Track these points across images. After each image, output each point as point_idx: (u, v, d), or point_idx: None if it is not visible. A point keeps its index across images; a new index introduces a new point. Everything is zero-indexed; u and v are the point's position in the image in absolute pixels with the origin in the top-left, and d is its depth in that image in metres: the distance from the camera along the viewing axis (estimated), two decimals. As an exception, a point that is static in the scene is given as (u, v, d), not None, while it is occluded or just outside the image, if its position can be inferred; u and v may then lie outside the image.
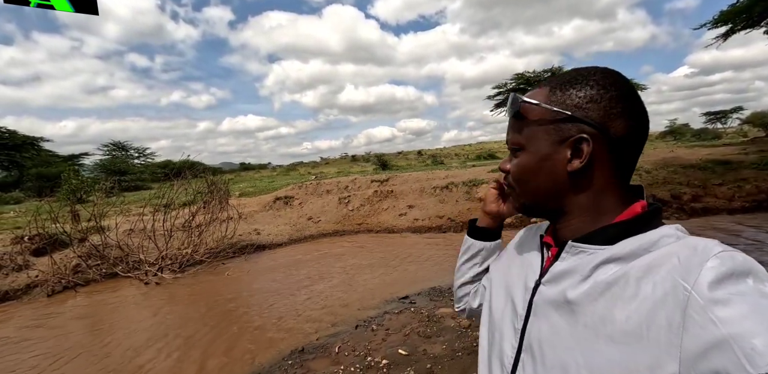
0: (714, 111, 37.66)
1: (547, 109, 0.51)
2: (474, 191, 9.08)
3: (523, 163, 0.54)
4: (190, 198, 7.51)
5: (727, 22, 12.74)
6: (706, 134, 33.18)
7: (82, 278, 6.36)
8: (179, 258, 6.85)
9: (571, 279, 0.50)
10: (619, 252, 0.46)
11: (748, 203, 7.15)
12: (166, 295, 5.38)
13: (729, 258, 0.38)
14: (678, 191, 7.75)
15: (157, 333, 3.93)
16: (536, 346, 0.51)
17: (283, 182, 16.91)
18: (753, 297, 0.36)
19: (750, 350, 0.33)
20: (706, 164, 9.00)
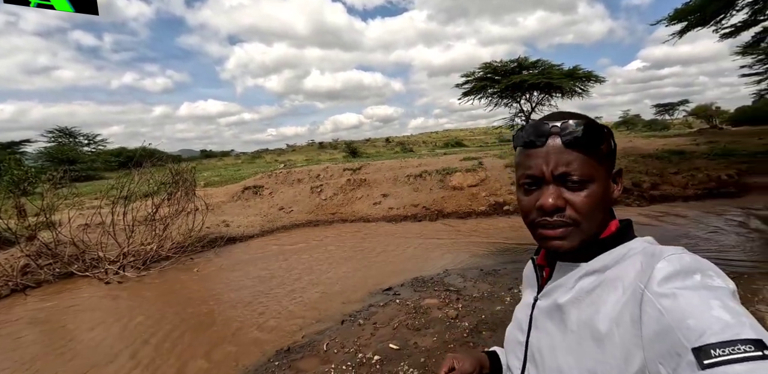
0: (663, 103, 40.18)
1: (610, 144, 0.57)
2: (448, 179, 9.15)
3: (596, 194, 0.53)
4: (152, 189, 7.00)
5: (681, 19, 13.38)
6: (656, 125, 35.43)
7: (32, 279, 5.82)
8: (143, 255, 6.43)
9: (559, 291, 0.57)
10: (595, 266, 0.54)
11: (700, 191, 7.69)
12: (130, 296, 5.02)
13: (676, 260, 0.46)
14: (638, 179, 8.19)
15: (123, 339, 3.61)
16: (537, 355, 0.58)
17: (250, 171, 16.30)
18: (695, 289, 0.42)
19: (686, 329, 0.39)
20: (662, 154, 9.56)
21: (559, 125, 0.53)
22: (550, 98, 19.72)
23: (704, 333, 0.38)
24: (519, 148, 0.58)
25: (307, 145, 61.47)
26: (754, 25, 12.08)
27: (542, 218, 0.55)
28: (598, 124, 0.54)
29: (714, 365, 0.36)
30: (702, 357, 0.37)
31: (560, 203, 0.53)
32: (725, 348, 0.36)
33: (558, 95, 19.25)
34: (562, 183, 0.53)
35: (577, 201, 0.53)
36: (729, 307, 0.39)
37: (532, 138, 0.55)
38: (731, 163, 8.60)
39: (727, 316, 0.38)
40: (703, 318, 0.39)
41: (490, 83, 20.43)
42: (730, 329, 0.37)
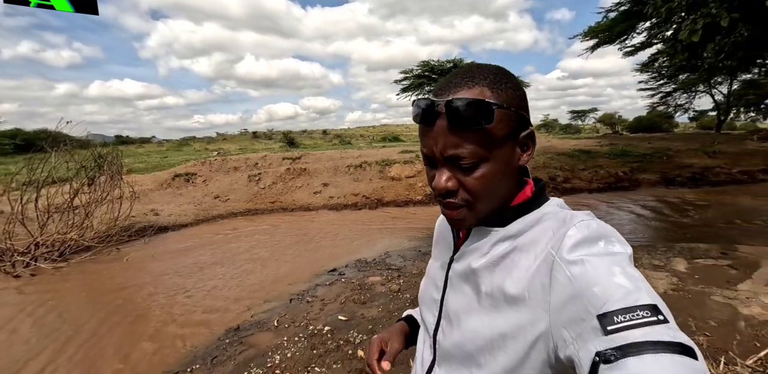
0: (577, 110, 44.86)
1: (507, 111, 0.51)
2: (387, 170, 9.51)
3: (491, 174, 0.52)
4: (72, 173, 6.33)
5: (592, 36, 15.13)
6: (570, 129, 39.55)
7: None
8: (59, 245, 5.83)
9: (474, 255, 0.57)
10: (510, 231, 0.54)
11: (602, 185, 8.97)
12: (46, 289, 4.56)
13: (585, 227, 0.48)
14: (554, 174, 9.28)
15: (44, 335, 3.31)
16: (453, 314, 0.59)
17: (178, 158, 15.22)
18: (600, 256, 0.44)
19: (591, 296, 0.41)
20: (574, 153, 10.88)
21: (443, 104, 0.49)
22: None
23: (608, 301, 0.40)
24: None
25: (240, 134, 58.40)
26: (649, 46, 14.05)
27: (439, 199, 0.56)
28: (486, 102, 0.48)
29: (616, 330, 0.38)
30: (606, 323, 0.39)
31: (451, 186, 0.53)
32: (626, 315, 0.39)
33: None
34: (453, 164, 0.52)
35: (469, 182, 0.52)
36: (628, 273, 0.42)
37: (420, 116, 0.52)
38: (626, 162, 10.12)
39: (627, 283, 0.41)
40: (606, 286, 0.41)
41: (427, 81, 21.20)
42: (630, 296, 0.40)
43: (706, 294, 2.92)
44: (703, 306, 2.74)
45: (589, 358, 0.39)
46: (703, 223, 5.99)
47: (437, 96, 0.52)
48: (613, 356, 0.37)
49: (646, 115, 28.57)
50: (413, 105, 0.53)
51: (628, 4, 12.03)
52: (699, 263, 3.60)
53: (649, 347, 0.36)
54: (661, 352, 0.35)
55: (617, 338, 0.38)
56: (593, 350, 0.39)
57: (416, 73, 22.43)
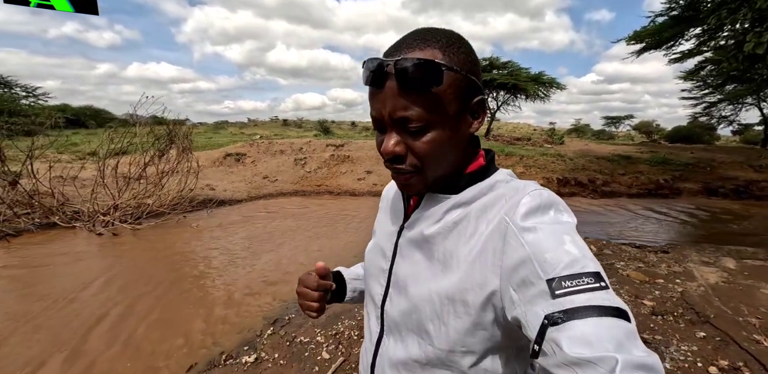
0: (611, 116, 43.60)
1: (460, 75, 0.50)
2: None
3: (440, 138, 0.51)
4: (146, 146, 6.95)
5: (638, 40, 14.83)
6: (603, 135, 38.63)
7: (10, 227, 5.67)
8: (132, 210, 6.43)
9: (427, 222, 0.57)
10: (463, 198, 0.55)
11: (642, 190, 9.04)
12: (126, 248, 5.11)
13: (538, 195, 0.49)
14: (593, 176, 9.39)
15: (124, 288, 3.72)
16: (401, 282, 0.59)
17: (223, 139, 15.96)
18: (551, 224, 0.46)
19: (543, 262, 0.43)
20: (613, 157, 10.91)
21: (392, 64, 0.48)
22: (515, 99, 20.53)
23: (557, 267, 0.42)
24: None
25: (271, 121, 59.67)
26: (698, 54, 13.71)
27: (387, 164, 0.55)
28: (434, 63, 0.47)
29: (563, 295, 0.41)
30: (555, 287, 0.41)
31: (398, 150, 0.52)
32: (573, 280, 0.41)
33: (522, 97, 20.07)
34: (402, 128, 0.51)
35: (417, 147, 0.51)
36: (576, 242, 0.44)
37: (370, 77, 0.50)
38: (667, 170, 10.10)
39: (575, 251, 0.43)
40: (557, 253, 0.43)
41: None
42: (578, 263, 0.42)
43: (755, 288, 3.16)
44: (753, 296, 2.99)
45: (539, 320, 0.41)
46: (747, 232, 6.09)
47: (387, 56, 0.51)
48: (560, 319, 0.40)
49: (686, 125, 27.71)
50: (363, 66, 0.52)
51: (679, 10, 11.80)
52: (747, 263, 3.81)
53: (592, 311, 0.39)
54: (602, 316, 0.39)
55: (565, 302, 0.40)
56: (542, 313, 0.41)
57: None
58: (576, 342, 0.38)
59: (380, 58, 0.50)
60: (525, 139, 16.82)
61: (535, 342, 0.41)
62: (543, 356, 0.41)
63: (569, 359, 0.37)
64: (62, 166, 7.53)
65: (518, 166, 9.72)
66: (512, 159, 10.11)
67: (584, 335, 0.38)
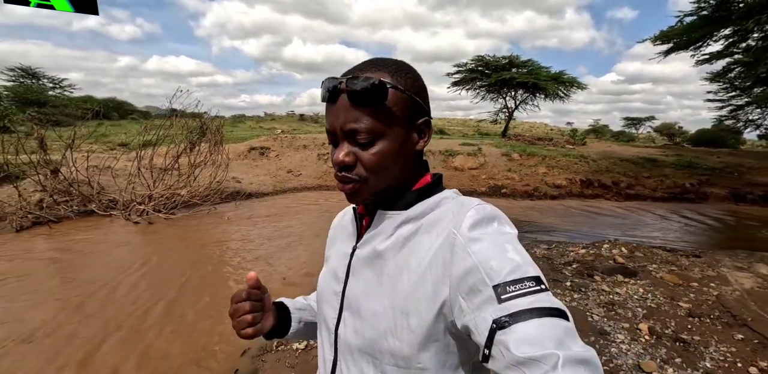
0: (632, 117, 42.69)
1: (405, 95, 0.55)
2: (450, 160, 9.88)
3: (386, 151, 0.55)
4: (184, 138, 7.19)
5: (664, 41, 14.46)
6: (623, 136, 37.86)
7: (51, 214, 5.94)
8: (164, 200, 6.66)
9: (379, 238, 0.60)
10: (413, 213, 0.58)
11: (667, 194, 8.92)
12: (162, 236, 5.35)
13: (481, 209, 0.53)
14: (617, 179, 9.31)
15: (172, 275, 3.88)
16: (354, 303, 0.60)
17: (244, 133, 16.24)
18: (495, 235, 0.50)
19: (489, 269, 0.46)
20: (637, 160, 10.78)
21: (345, 81, 0.53)
22: (534, 98, 20.37)
23: (501, 273, 0.45)
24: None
25: (287, 115, 60.09)
26: (728, 56, 13.35)
27: (336, 173, 0.58)
28: (381, 82, 0.53)
29: (508, 299, 0.43)
30: (500, 293, 0.44)
31: (348, 160, 0.55)
32: (516, 285, 0.44)
33: (541, 96, 19.87)
34: (352, 140, 0.55)
35: (365, 157, 0.55)
36: (518, 250, 0.48)
37: (325, 93, 0.56)
38: (694, 174, 9.95)
39: (517, 258, 0.47)
40: (501, 260, 0.46)
41: (480, 76, 20.79)
42: (520, 269, 0.46)
43: (792, 294, 3.16)
44: (791, 302, 3.00)
45: (487, 325, 0.43)
46: (778, 239, 6.00)
47: (342, 77, 0.55)
48: (506, 322, 0.42)
49: (710, 128, 26.99)
50: (321, 86, 0.57)
51: (709, 10, 11.49)
52: (782, 269, 3.79)
53: (534, 313, 0.42)
54: (543, 317, 0.42)
55: (510, 306, 0.43)
56: (490, 318, 0.43)
57: (470, 67, 22.13)
58: (521, 343, 0.40)
59: (335, 77, 0.55)
60: (546, 139, 16.66)
61: (485, 347, 0.44)
62: (492, 359, 0.43)
63: (516, 359, 0.40)
64: (94, 156, 7.84)
65: (540, 166, 9.69)
66: (534, 159, 10.08)
67: (528, 336, 0.40)
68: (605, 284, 3.33)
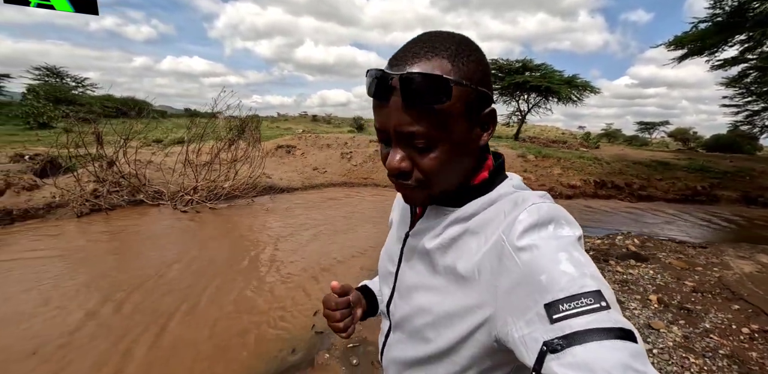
0: (646, 121, 42.39)
1: (470, 89, 0.48)
2: (468, 162, 10.35)
3: (447, 155, 0.50)
4: (221, 135, 7.80)
5: (679, 46, 14.59)
6: (636, 141, 37.75)
7: (106, 202, 6.55)
8: (207, 192, 7.23)
9: (428, 235, 0.58)
10: (464, 213, 0.55)
11: (678, 196, 9.28)
12: (211, 226, 5.91)
13: (535, 210, 0.47)
14: (630, 180, 9.68)
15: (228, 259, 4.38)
16: (404, 289, 0.62)
17: (266, 132, 16.88)
18: (548, 241, 0.45)
19: (537, 285, 0.42)
20: (650, 163, 11.12)
21: (397, 78, 0.46)
22: (547, 101, 20.44)
23: (553, 289, 0.41)
24: None
25: (300, 116, 61.02)
26: (743, 62, 13.50)
27: (392, 179, 0.55)
28: (442, 78, 0.45)
29: (561, 319, 0.39)
30: (552, 312, 0.40)
31: (404, 167, 0.51)
32: (571, 303, 0.39)
33: (554, 99, 19.95)
34: (408, 143, 0.50)
35: (424, 163, 0.50)
36: (574, 259, 0.43)
37: (374, 90, 0.49)
38: (705, 177, 10.26)
39: (572, 270, 0.41)
40: (552, 274, 0.42)
41: (493, 79, 21.05)
42: (575, 283, 0.40)
43: (788, 278, 3.58)
44: (786, 284, 3.42)
45: (537, 346, 0.40)
46: (784, 238, 6.34)
47: (392, 67, 0.49)
48: (559, 345, 0.38)
49: (726, 134, 26.93)
50: (367, 75, 0.50)
51: (724, 16, 11.71)
52: (781, 259, 4.19)
53: (593, 335, 0.37)
54: (604, 339, 0.37)
55: (564, 327, 0.39)
56: (541, 339, 0.40)
57: None
58: (577, 370, 0.36)
59: (385, 71, 0.49)
60: (561, 141, 17.01)
61: (533, 370, 0.40)
62: None
63: None
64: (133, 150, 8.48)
65: (556, 167, 10.09)
66: (550, 160, 10.49)
67: (585, 361, 0.36)
68: (619, 266, 3.78)
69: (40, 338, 2.50)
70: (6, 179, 6.34)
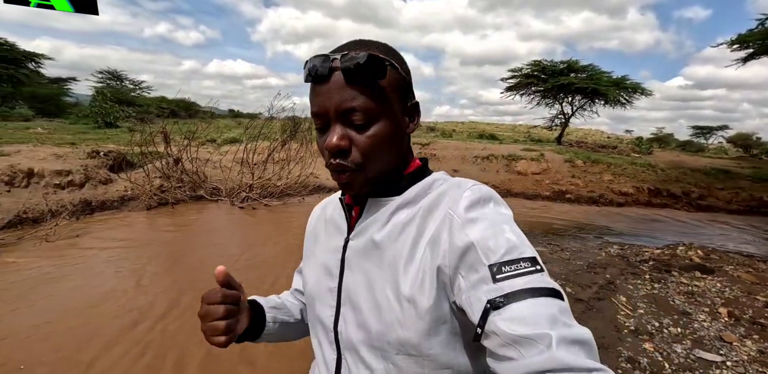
0: (701, 125, 39.76)
1: (400, 75, 0.55)
2: (513, 165, 10.24)
3: (383, 133, 0.53)
4: (275, 136, 8.23)
5: (744, 44, 13.53)
6: (691, 146, 35.38)
7: (171, 196, 7.08)
8: (261, 189, 7.65)
9: (374, 227, 0.58)
10: (408, 197, 0.57)
11: (742, 207, 8.73)
12: (272, 218, 6.24)
13: (477, 190, 0.54)
14: (687, 189, 9.21)
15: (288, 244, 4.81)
16: (353, 297, 0.58)
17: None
18: (492, 215, 0.51)
19: (486, 249, 0.47)
20: (710, 170, 10.50)
21: (339, 58, 0.51)
22: (593, 104, 19.75)
23: (498, 253, 0.46)
24: (310, 83, 0.54)
25: (337, 117, 62.01)
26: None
27: (330, 161, 0.54)
28: (379, 57, 0.51)
29: (503, 279, 0.44)
30: (495, 272, 0.44)
31: (344, 144, 0.52)
32: (512, 265, 0.45)
33: (601, 102, 19.27)
34: (346, 122, 0.52)
35: (361, 141, 0.53)
36: (515, 231, 0.49)
37: (315, 72, 0.52)
38: (773, 188, 9.56)
39: (514, 238, 0.48)
40: (498, 240, 0.47)
41: (536, 81, 20.31)
42: (516, 249, 0.46)
43: None
44: None
45: (482, 305, 0.44)
46: None
47: (332, 54, 0.53)
48: (501, 303, 0.43)
49: (794, 141, 24.69)
50: (306, 64, 0.53)
51: None
52: None
53: (528, 293, 0.42)
54: (538, 296, 0.42)
55: (504, 286, 0.43)
56: (485, 298, 0.44)
57: (525, 72, 21.71)
58: (515, 323, 0.40)
59: (326, 54, 0.52)
60: (610, 146, 16.35)
61: (478, 326, 0.44)
62: (486, 338, 0.44)
63: (511, 338, 0.40)
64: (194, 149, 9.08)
65: (606, 173, 9.78)
66: (599, 166, 10.17)
67: (522, 315, 0.41)
68: (683, 278, 3.69)
69: (137, 311, 2.86)
70: (85, 173, 7.01)
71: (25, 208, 5.40)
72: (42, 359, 2.24)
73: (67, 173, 6.63)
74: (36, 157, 6.98)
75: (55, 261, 3.81)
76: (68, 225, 5.06)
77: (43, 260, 3.84)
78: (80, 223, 5.36)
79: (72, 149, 7.72)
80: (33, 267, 3.63)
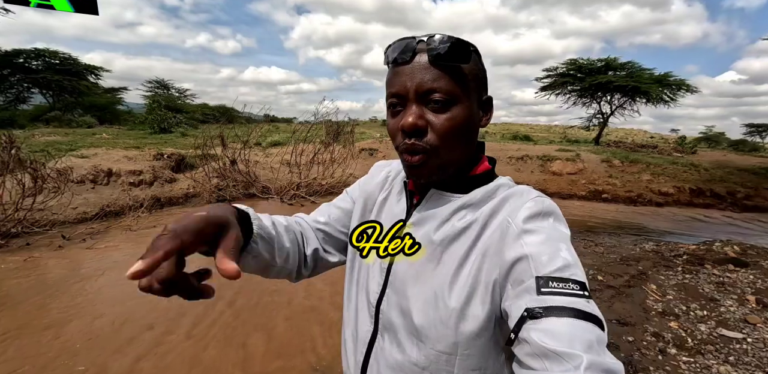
0: (757, 123, 37.22)
1: (480, 66, 0.57)
2: (548, 165, 10.34)
3: (460, 118, 0.53)
4: (320, 138, 8.86)
5: None
6: (744, 146, 33.08)
7: (227, 194, 7.82)
8: (306, 188, 8.26)
9: (433, 222, 0.58)
10: (472, 199, 0.57)
11: (793, 207, 8.39)
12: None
13: (540, 202, 0.53)
14: (733, 189, 8.96)
15: None
16: (400, 283, 0.59)
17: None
18: (549, 230, 0.50)
19: (538, 261, 0.46)
20: (759, 170, 10.13)
21: (425, 40, 0.52)
22: (633, 102, 18.94)
23: (549, 268, 0.45)
24: (389, 66, 0.56)
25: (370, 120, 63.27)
26: None
27: (404, 141, 0.54)
28: (466, 41, 0.53)
29: (548, 293, 0.43)
30: (541, 285, 0.44)
31: (421, 123, 0.52)
32: (560, 283, 0.44)
33: (642, 100, 18.45)
34: (425, 103, 0.53)
35: (438, 123, 0.53)
36: (571, 252, 0.48)
37: (398, 54, 0.53)
38: (830, 188, 9.09)
39: (569, 258, 0.47)
40: (552, 256, 0.46)
41: (572, 80, 19.88)
42: (569, 269, 0.45)
43: None
44: None
45: (519, 312, 0.44)
46: None
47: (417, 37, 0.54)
48: (539, 313, 0.42)
49: None
50: (387, 48, 0.56)
51: None
52: None
53: (570, 312, 0.41)
54: (580, 319, 0.40)
55: (547, 299, 0.42)
56: (524, 305, 0.43)
57: (560, 71, 21.14)
58: (548, 336, 0.39)
59: (412, 36, 0.54)
60: (650, 146, 15.88)
61: (512, 331, 0.44)
62: (517, 345, 0.43)
63: (540, 349, 0.39)
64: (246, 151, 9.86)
65: (644, 173, 9.68)
66: (638, 166, 10.07)
67: (558, 331, 0.40)
68: (716, 270, 3.84)
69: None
70: (153, 173, 7.90)
71: (108, 202, 6.27)
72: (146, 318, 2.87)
73: (139, 173, 7.55)
74: (111, 158, 7.97)
75: (141, 247, 4.51)
76: (146, 218, 5.84)
77: (131, 245, 4.57)
78: (154, 216, 6.14)
79: (139, 152, 8.67)
80: (126, 251, 4.37)
